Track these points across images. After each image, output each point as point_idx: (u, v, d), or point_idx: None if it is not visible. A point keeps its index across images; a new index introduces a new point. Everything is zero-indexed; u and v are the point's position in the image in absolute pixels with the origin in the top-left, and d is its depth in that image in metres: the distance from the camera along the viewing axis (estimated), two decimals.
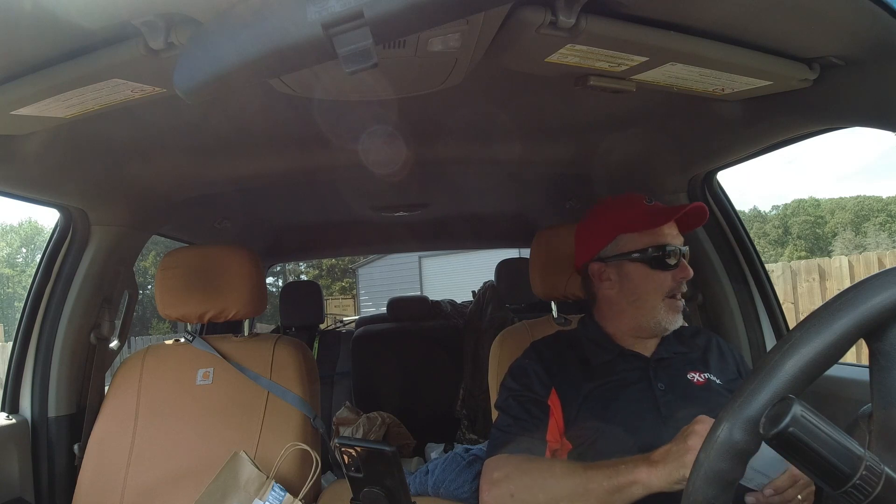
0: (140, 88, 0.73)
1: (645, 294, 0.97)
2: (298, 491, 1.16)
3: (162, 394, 1.28)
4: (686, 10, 0.67)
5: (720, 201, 1.44)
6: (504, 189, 1.86)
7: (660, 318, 0.96)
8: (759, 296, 1.42)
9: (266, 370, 1.31)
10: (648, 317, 0.97)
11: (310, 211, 2.07)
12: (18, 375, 1.29)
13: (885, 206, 19.47)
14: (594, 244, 1.02)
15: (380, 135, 1.17)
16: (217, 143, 1.22)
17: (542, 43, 0.70)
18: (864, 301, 0.42)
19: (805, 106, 0.89)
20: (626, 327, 1.00)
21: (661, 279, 0.96)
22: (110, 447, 1.23)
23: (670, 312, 0.97)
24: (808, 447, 0.38)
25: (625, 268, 0.98)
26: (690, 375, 0.98)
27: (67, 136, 0.99)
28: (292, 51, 0.50)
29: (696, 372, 0.99)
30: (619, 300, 1.00)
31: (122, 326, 1.47)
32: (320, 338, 2.81)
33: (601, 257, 1.01)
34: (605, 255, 1.00)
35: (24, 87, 0.70)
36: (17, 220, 18.69)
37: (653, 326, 0.97)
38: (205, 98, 0.57)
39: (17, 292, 12.60)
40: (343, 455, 0.72)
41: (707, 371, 1.00)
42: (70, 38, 0.63)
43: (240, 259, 1.33)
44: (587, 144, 1.33)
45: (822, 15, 0.66)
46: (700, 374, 0.99)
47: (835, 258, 4.87)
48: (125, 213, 1.34)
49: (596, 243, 1.02)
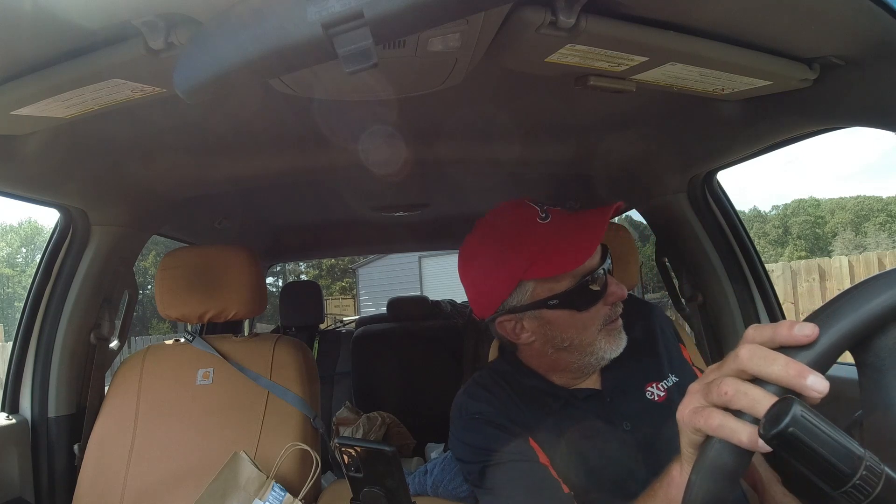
0: (140, 88, 0.73)
1: (578, 336, 0.79)
2: (298, 491, 1.16)
3: (162, 394, 1.28)
4: (686, 10, 0.67)
5: (720, 201, 1.44)
6: (504, 189, 1.86)
7: (601, 353, 0.80)
8: (759, 296, 1.42)
9: (266, 370, 1.31)
10: (588, 356, 0.81)
11: (310, 211, 2.07)
12: (18, 375, 1.29)
13: (885, 206, 19.46)
14: (493, 297, 0.81)
15: (380, 135, 1.17)
16: (217, 143, 1.22)
17: (542, 43, 0.69)
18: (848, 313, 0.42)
19: (805, 106, 0.89)
20: (566, 372, 0.84)
21: (593, 314, 0.79)
22: (110, 447, 1.23)
23: (612, 341, 0.81)
24: (808, 447, 0.38)
25: (544, 316, 0.79)
26: (649, 393, 0.84)
27: (67, 136, 0.99)
28: (292, 51, 0.50)
29: (653, 383, 0.85)
30: (546, 348, 0.82)
31: (122, 326, 1.47)
32: (320, 338, 2.81)
33: (507, 309, 0.81)
34: (512, 306, 0.80)
35: (24, 87, 0.70)
36: (17, 220, 18.69)
37: (595, 363, 0.82)
38: (205, 98, 0.57)
39: (17, 292, 12.59)
40: (343, 455, 0.72)
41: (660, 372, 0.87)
42: (70, 38, 0.63)
43: (240, 259, 1.33)
44: (587, 144, 1.33)
45: (822, 15, 0.66)
46: (657, 385, 0.85)
47: (835, 258, 4.88)
48: (125, 213, 1.34)
49: (494, 296, 0.81)
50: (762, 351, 0.42)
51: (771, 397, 0.41)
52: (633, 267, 1.34)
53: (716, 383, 0.44)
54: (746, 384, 0.42)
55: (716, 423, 0.43)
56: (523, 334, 0.82)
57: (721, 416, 0.43)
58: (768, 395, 0.41)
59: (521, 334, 0.82)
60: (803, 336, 0.41)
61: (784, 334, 0.42)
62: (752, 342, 0.44)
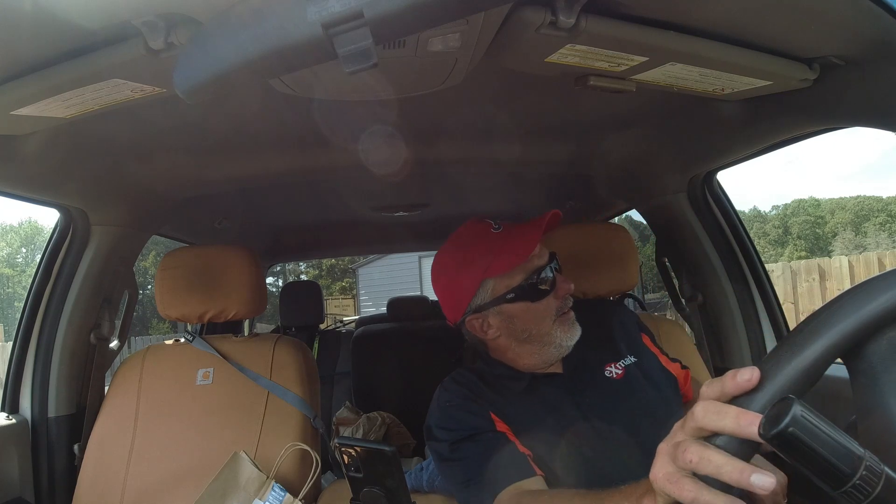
0: (140, 88, 0.73)
1: (535, 326, 0.91)
2: (298, 491, 1.16)
3: (162, 394, 1.28)
4: (686, 10, 0.67)
5: (720, 201, 1.44)
6: (504, 189, 1.86)
7: (559, 340, 0.92)
8: (759, 296, 1.42)
9: (266, 370, 1.31)
10: (547, 345, 0.92)
11: (310, 211, 2.07)
12: (18, 375, 1.29)
13: (885, 206, 19.46)
14: (460, 299, 0.94)
15: (380, 135, 1.17)
16: (217, 143, 1.22)
17: (542, 43, 0.69)
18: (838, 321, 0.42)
19: (805, 106, 0.89)
20: (531, 362, 0.94)
21: (546, 305, 0.91)
22: (110, 447, 1.23)
23: (566, 329, 0.92)
24: (808, 447, 0.38)
25: (504, 311, 0.91)
26: (608, 372, 0.96)
27: (67, 136, 0.99)
28: (292, 51, 0.50)
29: (611, 364, 0.96)
30: (510, 342, 0.94)
31: (122, 326, 1.47)
32: (320, 338, 2.81)
33: (474, 309, 0.93)
34: (478, 305, 0.92)
35: (24, 87, 0.70)
36: (17, 220, 18.69)
37: (556, 351, 0.93)
38: (205, 98, 0.57)
39: (17, 292, 12.59)
40: (343, 455, 0.72)
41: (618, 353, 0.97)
42: (70, 38, 0.63)
43: (240, 259, 1.33)
44: (587, 144, 1.33)
45: (822, 15, 0.66)
46: (615, 365, 0.96)
47: (835, 258, 4.88)
48: (125, 213, 1.34)
49: (462, 297, 0.93)
50: (714, 406, 0.44)
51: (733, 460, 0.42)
52: (632, 267, 1.34)
53: (681, 448, 0.45)
54: (709, 450, 0.43)
55: (690, 496, 0.44)
56: (490, 331, 0.94)
57: (695, 489, 0.44)
58: (731, 459, 0.42)
59: (488, 331, 0.94)
60: (745, 382, 0.43)
61: (730, 385, 0.44)
62: (707, 399, 0.46)
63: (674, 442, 0.48)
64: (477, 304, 0.92)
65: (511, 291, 0.90)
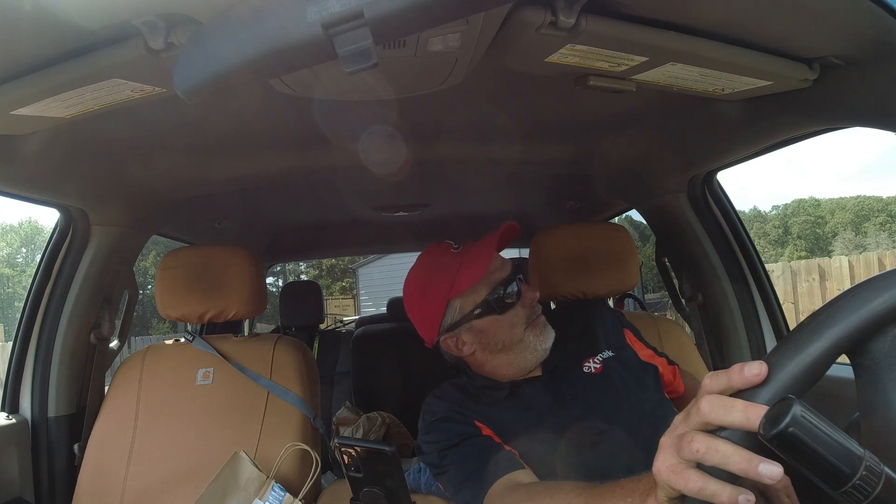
0: (140, 88, 0.73)
1: (507, 337, 0.93)
2: (298, 491, 1.16)
3: (162, 394, 1.28)
4: (686, 10, 0.67)
5: (720, 201, 1.44)
6: (504, 189, 1.86)
7: (534, 345, 0.94)
8: (759, 296, 1.42)
9: (266, 370, 1.31)
10: (523, 351, 0.94)
11: (310, 211, 2.07)
12: (18, 375, 1.29)
13: (885, 206, 19.46)
14: (432, 321, 0.96)
15: (380, 135, 1.17)
16: (217, 143, 1.22)
17: (542, 43, 0.69)
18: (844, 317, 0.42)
19: (805, 106, 0.89)
20: (510, 372, 0.96)
21: (514, 315, 0.93)
22: (110, 447, 1.23)
23: (538, 333, 0.94)
24: (808, 447, 0.38)
25: (475, 326, 0.93)
26: (587, 367, 0.97)
27: (67, 136, 0.99)
28: (292, 51, 0.50)
29: (590, 359, 0.98)
30: (486, 355, 0.96)
31: (122, 326, 1.47)
32: (320, 338, 2.81)
33: (446, 328, 0.95)
34: (449, 324, 0.95)
35: (24, 87, 0.70)
36: (17, 220, 18.69)
37: (532, 357, 0.94)
38: (205, 98, 0.57)
39: (17, 292, 12.60)
40: (343, 455, 0.72)
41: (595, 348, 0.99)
42: (70, 38, 0.63)
43: (240, 259, 1.33)
44: (587, 144, 1.33)
45: (822, 15, 0.66)
46: (593, 360, 0.97)
47: (835, 258, 4.88)
48: (125, 213, 1.34)
49: (433, 319, 0.96)
50: (721, 400, 0.44)
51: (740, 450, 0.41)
52: (632, 267, 1.34)
53: (686, 439, 0.45)
54: (716, 440, 0.43)
55: (696, 486, 0.43)
56: (465, 347, 0.96)
57: (701, 479, 0.43)
58: (738, 449, 0.42)
59: (463, 348, 0.96)
60: (753, 376, 0.43)
61: (737, 379, 0.44)
62: (711, 392, 0.45)
63: (677, 434, 0.47)
64: (448, 323, 0.95)
65: (477, 307, 0.92)
